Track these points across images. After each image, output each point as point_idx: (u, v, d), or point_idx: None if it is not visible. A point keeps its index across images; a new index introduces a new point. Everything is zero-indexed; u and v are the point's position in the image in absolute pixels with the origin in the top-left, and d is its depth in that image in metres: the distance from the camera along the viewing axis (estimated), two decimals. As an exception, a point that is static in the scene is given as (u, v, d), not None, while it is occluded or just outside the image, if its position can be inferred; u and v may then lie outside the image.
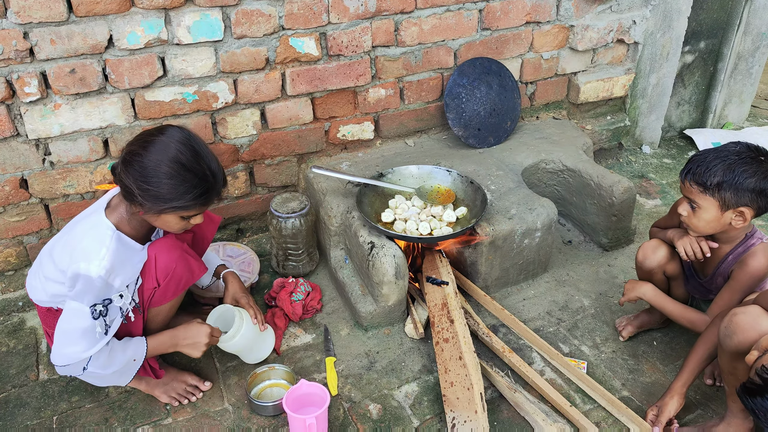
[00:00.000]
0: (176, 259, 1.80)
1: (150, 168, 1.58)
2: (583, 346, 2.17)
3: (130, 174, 1.60)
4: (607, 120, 3.17)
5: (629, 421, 1.87)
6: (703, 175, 1.77)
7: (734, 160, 1.74)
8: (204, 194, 1.64)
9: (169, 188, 1.59)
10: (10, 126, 2.08)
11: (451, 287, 2.17)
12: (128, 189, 1.62)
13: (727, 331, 1.64)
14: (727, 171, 1.74)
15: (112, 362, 1.73)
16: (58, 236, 1.80)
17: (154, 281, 1.79)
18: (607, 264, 2.56)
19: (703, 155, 1.81)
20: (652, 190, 3.09)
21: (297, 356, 2.14)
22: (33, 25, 1.95)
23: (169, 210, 1.63)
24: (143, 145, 1.61)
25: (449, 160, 2.60)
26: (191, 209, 1.66)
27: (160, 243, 1.80)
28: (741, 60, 3.42)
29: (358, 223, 2.25)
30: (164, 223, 1.70)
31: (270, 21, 2.24)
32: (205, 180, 1.63)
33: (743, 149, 1.77)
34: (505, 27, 2.68)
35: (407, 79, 2.62)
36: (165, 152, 1.59)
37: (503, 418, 1.91)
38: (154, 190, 1.58)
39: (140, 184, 1.58)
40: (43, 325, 1.89)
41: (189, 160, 1.60)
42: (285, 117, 2.47)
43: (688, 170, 1.81)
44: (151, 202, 1.60)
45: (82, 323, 1.65)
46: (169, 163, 1.58)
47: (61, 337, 1.68)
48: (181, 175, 1.59)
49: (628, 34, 2.94)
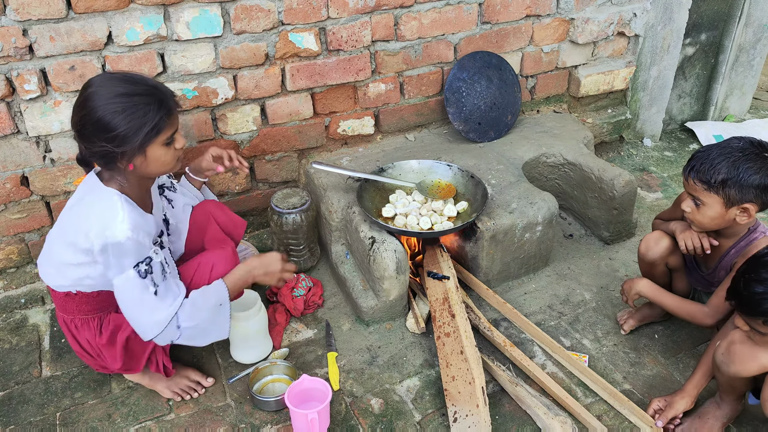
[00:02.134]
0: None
1: (101, 118, 1.54)
2: (585, 339, 2.17)
3: (90, 138, 1.57)
4: (608, 113, 3.17)
5: (631, 414, 1.87)
6: (707, 173, 1.75)
7: (738, 156, 1.72)
8: (161, 105, 1.59)
9: (129, 120, 1.55)
10: (10, 123, 2.08)
11: (452, 282, 2.17)
12: (101, 152, 1.59)
13: (725, 359, 1.65)
14: (732, 168, 1.72)
15: (200, 312, 1.73)
16: (63, 220, 1.74)
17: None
18: (609, 257, 2.56)
19: (706, 152, 1.78)
20: (654, 183, 3.09)
21: (299, 351, 2.15)
22: (32, 22, 1.95)
23: (146, 141, 1.59)
24: (81, 108, 1.58)
25: (450, 155, 2.59)
26: (163, 127, 1.61)
27: (220, 253, 1.84)
28: (742, 52, 3.40)
29: (359, 218, 2.25)
30: (157, 162, 1.65)
31: (269, 16, 2.24)
32: (152, 93, 1.60)
33: (747, 145, 1.75)
34: (505, 20, 2.67)
35: (407, 74, 2.62)
36: (102, 97, 1.55)
37: (505, 411, 1.92)
38: (118, 132, 1.55)
39: (104, 136, 1.55)
40: (60, 313, 1.84)
41: (126, 87, 1.57)
42: (285, 112, 2.47)
43: (692, 167, 1.79)
44: (126, 145, 1.57)
45: (137, 291, 1.64)
46: (112, 101, 1.55)
47: (132, 314, 1.68)
48: (130, 103, 1.56)
49: (628, 26, 2.93)
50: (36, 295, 2.34)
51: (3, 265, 2.32)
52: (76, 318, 1.79)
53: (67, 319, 1.82)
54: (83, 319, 1.79)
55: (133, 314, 1.69)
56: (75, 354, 2.12)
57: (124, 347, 1.80)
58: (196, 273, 1.82)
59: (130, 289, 1.64)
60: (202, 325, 1.75)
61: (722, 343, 1.66)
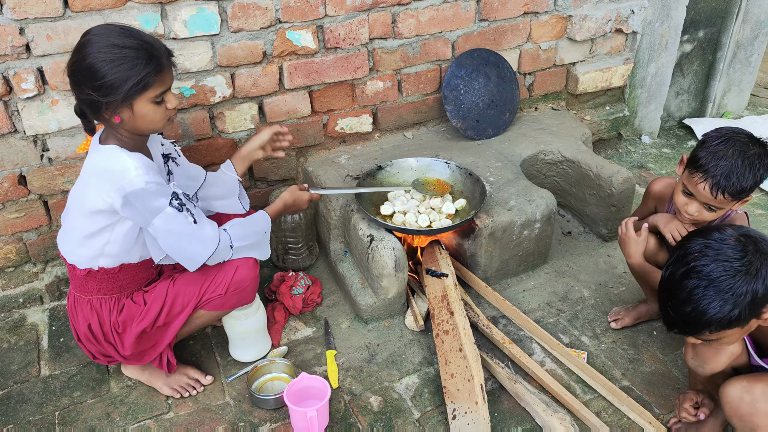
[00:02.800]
0: (253, 278, 1.88)
1: (92, 65, 1.55)
2: (583, 336, 2.17)
3: (80, 85, 1.58)
4: (606, 110, 3.17)
5: (630, 411, 1.88)
6: (735, 186, 1.74)
7: (758, 165, 1.75)
8: (150, 60, 1.59)
9: (117, 71, 1.55)
10: (7, 122, 2.07)
11: (450, 279, 2.17)
12: (88, 100, 1.59)
13: (696, 362, 1.63)
14: (756, 174, 1.74)
15: (248, 236, 1.85)
16: (76, 192, 1.75)
17: (223, 289, 1.83)
18: (607, 254, 2.56)
19: (727, 162, 1.74)
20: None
21: (297, 349, 2.15)
22: (29, 21, 1.95)
23: (133, 93, 1.58)
24: (75, 53, 1.59)
25: (448, 152, 2.59)
26: (150, 83, 1.60)
27: (244, 258, 1.86)
28: (740, 48, 3.41)
29: (358, 216, 2.25)
30: (144, 119, 1.64)
31: (266, 14, 2.23)
32: (144, 48, 1.59)
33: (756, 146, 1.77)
34: (502, 18, 2.67)
35: (405, 72, 2.62)
36: (96, 45, 1.56)
37: (504, 408, 1.92)
38: (104, 81, 1.55)
39: (92, 83, 1.55)
40: (78, 293, 1.83)
41: (120, 39, 1.57)
42: (283, 110, 2.46)
43: (720, 187, 1.75)
44: (112, 96, 1.56)
45: (179, 224, 1.68)
46: (103, 50, 1.55)
47: (181, 248, 1.71)
48: (119, 54, 1.56)
49: (626, 23, 2.93)
50: (34, 295, 2.34)
51: (1, 265, 2.32)
52: (94, 298, 1.80)
53: (83, 300, 1.81)
54: (102, 298, 1.80)
55: (183, 247, 1.71)
56: (73, 353, 2.13)
57: (139, 335, 1.81)
58: (219, 272, 1.83)
59: (173, 226, 1.67)
60: (249, 247, 1.87)
61: (688, 349, 1.64)
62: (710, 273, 1.39)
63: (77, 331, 1.86)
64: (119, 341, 1.83)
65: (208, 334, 2.20)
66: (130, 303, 1.82)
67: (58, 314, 2.31)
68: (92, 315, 1.81)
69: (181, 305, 1.83)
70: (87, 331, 1.83)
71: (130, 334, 1.82)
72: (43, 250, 2.33)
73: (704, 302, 1.39)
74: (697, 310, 1.40)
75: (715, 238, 1.44)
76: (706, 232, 1.49)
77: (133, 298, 1.83)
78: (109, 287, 1.80)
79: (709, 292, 1.39)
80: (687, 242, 1.50)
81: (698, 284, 1.40)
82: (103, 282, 1.79)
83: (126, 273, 1.81)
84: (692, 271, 1.42)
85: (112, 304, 1.81)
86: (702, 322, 1.41)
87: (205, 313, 1.88)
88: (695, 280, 1.41)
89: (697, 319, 1.41)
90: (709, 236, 1.46)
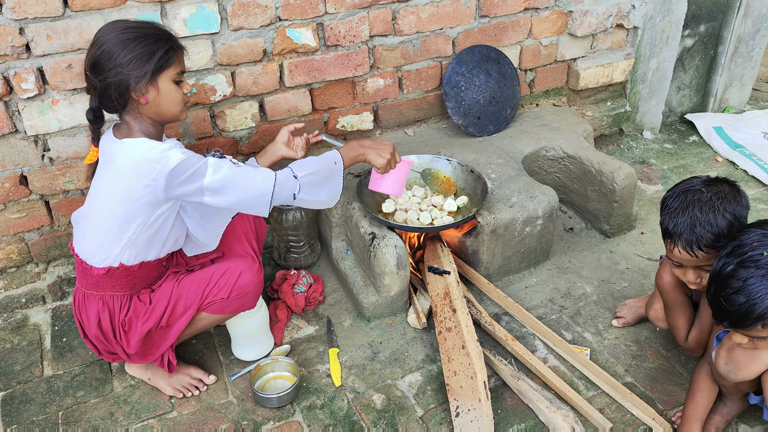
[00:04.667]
0: (257, 284, 1.88)
1: (114, 47, 1.60)
2: (586, 332, 2.17)
3: (105, 69, 1.61)
4: (608, 106, 3.16)
5: (633, 407, 1.87)
6: (705, 236, 1.62)
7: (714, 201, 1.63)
8: (169, 38, 1.66)
9: (141, 47, 1.61)
10: (8, 123, 2.07)
11: (453, 276, 2.17)
12: (116, 82, 1.61)
13: (730, 368, 1.61)
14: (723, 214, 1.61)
15: (312, 164, 1.84)
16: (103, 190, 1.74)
17: (226, 293, 1.83)
18: (609, 250, 2.56)
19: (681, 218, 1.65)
20: (654, 176, 3.09)
21: (300, 348, 2.15)
22: (29, 21, 1.94)
23: (159, 67, 1.63)
24: (93, 48, 1.63)
25: (449, 149, 2.59)
26: (172, 59, 1.66)
27: (248, 263, 1.86)
28: (741, 43, 3.39)
29: (359, 214, 2.24)
30: (168, 98, 1.69)
31: (266, 12, 2.23)
32: (158, 31, 1.66)
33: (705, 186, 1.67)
34: (503, 14, 2.66)
35: (406, 69, 2.61)
36: (112, 33, 1.61)
37: (507, 405, 1.92)
38: (133, 55, 1.60)
39: (118, 62, 1.59)
40: (90, 290, 1.82)
41: (133, 26, 1.64)
42: (284, 108, 2.46)
43: (686, 242, 1.65)
44: (139, 69, 1.61)
45: (228, 168, 1.69)
46: (123, 32, 1.61)
47: (240, 189, 1.71)
48: (140, 33, 1.62)
49: (627, 18, 2.92)
50: (37, 295, 2.34)
51: (3, 265, 2.32)
52: (107, 294, 1.80)
53: (94, 296, 1.80)
54: (115, 295, 1.81)
55: (243, 186, 1.72)
56: (76, 353, 2.13)
57: (145, 334, 1.82)
58: (223, 276, 1.84)
59: (223, 173, 1.68)
60: (316, 180, 1.84)
61: (721, 353, 1.62)
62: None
63: (85, 328, 1.86)
64: (125, 339, 1.84)
65: (211, 333, 2.20)
66: (137, 301, 1.83)
67: (60, 314, 2.31)
68: (104, 310, 1.81)
69: (184, 307, 1.83)
70: (96, 328, 1.83)
71: (135, 333, 1.82)
72: (45, 250, 2.33)
73: (760, 292, 1.37)
74: (751, 301, 1.38)
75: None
76: (762, 223, 1.48)
77: (139, 296, 1.84)
78: (124, 284, 1.80)
79: (766, 282, 1.37)
80: (741, 234, 1.48)
81: (754, 274, 1.38)
82: (120, 279, 1.79)
83: (143, 270, 1.81)
84: (749, 260, 1.40)
85: (123, 301, 1.82)
86: (756, 314, 1.39)
87: (207, 316, 1.88)
88: (752, 270, 1.39)
89: (751, 311, 1.39)
90: (766, 227, 1.45)
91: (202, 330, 1.96)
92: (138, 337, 1.81)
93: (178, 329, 1.85)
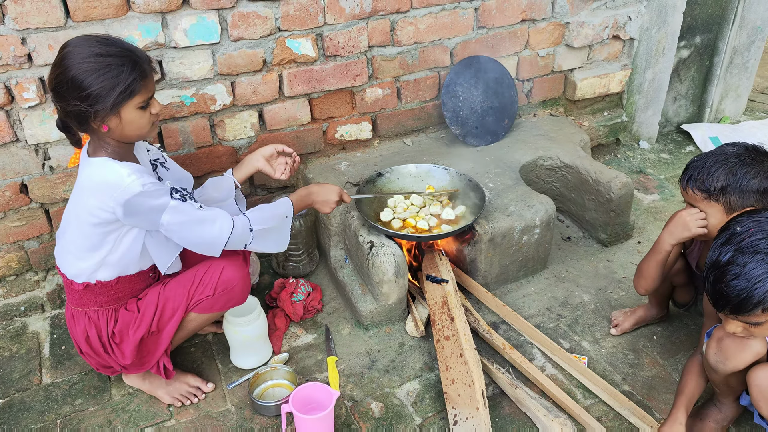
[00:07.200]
0: (240, 278, 1.86)
1: (75, 77, 1.55)
2: (584, 341, 2.18)
3: (65, 97, 1.58)
4: (604, 116, 3.18)
5: (631, 415, 1.88)
6: (705, 181, 1.72)
7: (734, 162, 1.70)
8: (135, 66, 1.59)
9: (102, 80, 1.55)
10: (9, 131, 2.09)
11: (451, 285, 2.17)
12: (75, 112, 1.59)
13: (719, 357, 1.63)
14: (730, 174, 1.69)
15: (268, 219, 1.84)
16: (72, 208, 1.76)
17: (211, 290, 1.82)
18: (606, 259, 2.57)
19: (701, 161, 1.75)
20: (650, 185, 3.10)
21: (299, 356, 2.15)
22: (31, 31, 1.96)
23: (119, 101, 1.58)
24: (56, 67, 1.58)
25: (447, 159, 2.60)
26: (136, 89, 1.60)
27: (230, 259, 1.85)
28: (737, 54, 3.42)
29: (358, 222, 2.26)
30: (132, 126, 1.64)
31: (266, 23, 2.25)
32: (126, 55, 1.59)
33: (741, 150, 1.73)
34: (500, 25, 2.69)
35: (404, 79, 2.63)
36: (78, 55, 1.56)
37: (505, 414, 1.92)
38: (92, 90, 1.55)
39: (78, 94, 1.55)
40: (74, 307, 1.83)
41: (101, 48, 1.58)
42: (283, 118, 2.48)
43: (689, 177, 1.76)
44: (99, 105, 1.56)
45: (188, 213, 1.68)
46: (87, 60, 1.55)
47: (197, 235, 1.71)
48: (103, 63, 1.56)
49: (623, 30, 2.94)
50: (36, 303, 2.35)
51: (2, 273, 2.32)
52: (91, 310, 1.81)
53: (80, 313, 1.82)
54: (99, 310, 1.81)
55: (199, 233, 1.71)
56: (74, 361, 2.13)
57: (138, 343, 1.82)
58: (206, 273, 1.83)
59: (182, 216, 1.67)
60: (270, 231, 1.85)
61: (711, 344, 1.64)
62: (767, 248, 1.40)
63: (77, 343, 1.87)
64: (118, 351, 1.83)
65: (209, 341, 2.21)
66: (124, 311, 1.82)
67: (59, 322, 2.31)
68: (90, 327, 1.82)
69: (172, 310, 1.83)
70: (86, 344, 1.84)
71: (128, 343, 1.82)
72: (44, 259, 2.34)
73: (760, 277, 1.39)
74: (752, 286, 1.40)
75: (766, 216, 1.46)
76: (753, 212, 1.51)
77: (126, 306, 1.83)
78: (106, 299, 1.81)
79: (765, 266, 1.39)
80: (732, 223, 1.50)
81: (753, 259, 1.40)
82: (101, 295, 1.79)
83: (123, 285, 1.81)
84: (747, 246, 1.42)
85: (109, 314, 1.82)
86: (756, 299, 1.41)
87: (196, 316, 1.88)
88: (750, 255, 1.41)
89: (751, 296, 1.41)
90: (758, 214, 1.48)
91: (194, 332, 1.95)
92: (132, 347, 1.81)
93: (169, 333, 1.85)
